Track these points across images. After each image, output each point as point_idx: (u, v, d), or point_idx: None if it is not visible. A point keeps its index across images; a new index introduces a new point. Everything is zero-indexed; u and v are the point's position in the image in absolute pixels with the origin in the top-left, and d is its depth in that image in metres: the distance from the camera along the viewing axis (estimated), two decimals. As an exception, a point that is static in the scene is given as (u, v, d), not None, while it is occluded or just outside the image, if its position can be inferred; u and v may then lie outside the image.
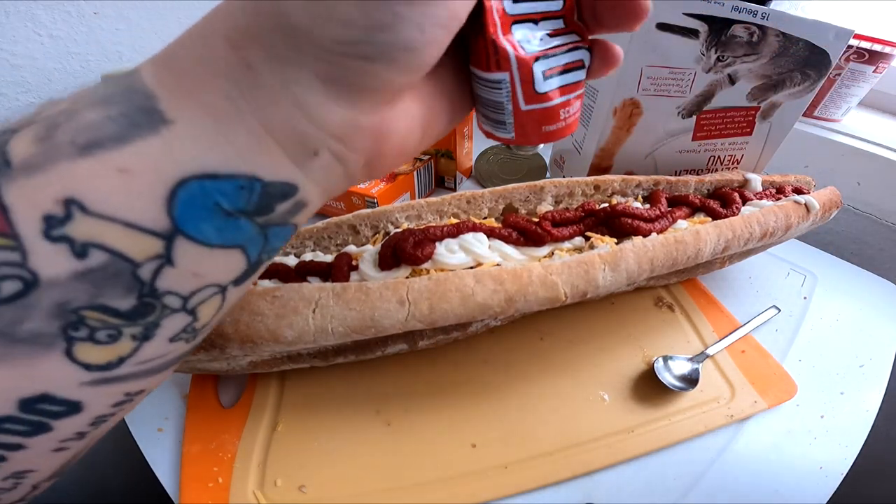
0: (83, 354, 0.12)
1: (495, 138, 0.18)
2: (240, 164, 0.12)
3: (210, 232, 0.13)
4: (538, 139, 0.18)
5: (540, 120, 0.17)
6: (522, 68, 0.15)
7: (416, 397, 0.32)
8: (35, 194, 0.11)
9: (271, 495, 0.27)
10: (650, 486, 0.28)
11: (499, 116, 0.17)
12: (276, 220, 0.14)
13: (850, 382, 0.35)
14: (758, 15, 0.33)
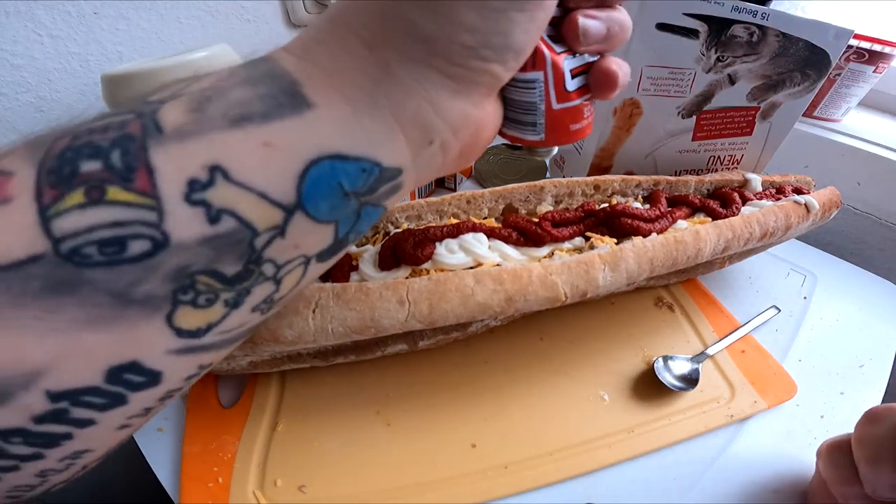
0: (182, 319, 0.12)
1: (522, 142, 0.19)
2: (368, 149, 0.13)
3: (324, 209, 0.13)
4: (566, 138, 0.18)
5: (568, 119, 0.18)
6: (555, 67, 0.16)
7: (416, 397, 0.32)
8: (183, 159, 0.11)
9: (271, 495, 0.27)
10: (650, 486, 0.28)
11: (530, 118, 0.17)
12: (373, 201, 0.15)
13: (850, 382, 0.35)
14: (758, 15, 0.33)
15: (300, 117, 0.13)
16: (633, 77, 0.36)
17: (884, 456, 0.22)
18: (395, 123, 0.14)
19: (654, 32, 0.34)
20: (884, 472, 0.22)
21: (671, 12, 0.33)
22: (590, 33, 0.16)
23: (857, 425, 0.24)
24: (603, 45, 0.17)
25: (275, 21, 0.53)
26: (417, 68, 0.13)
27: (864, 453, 0.23)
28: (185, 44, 0.47)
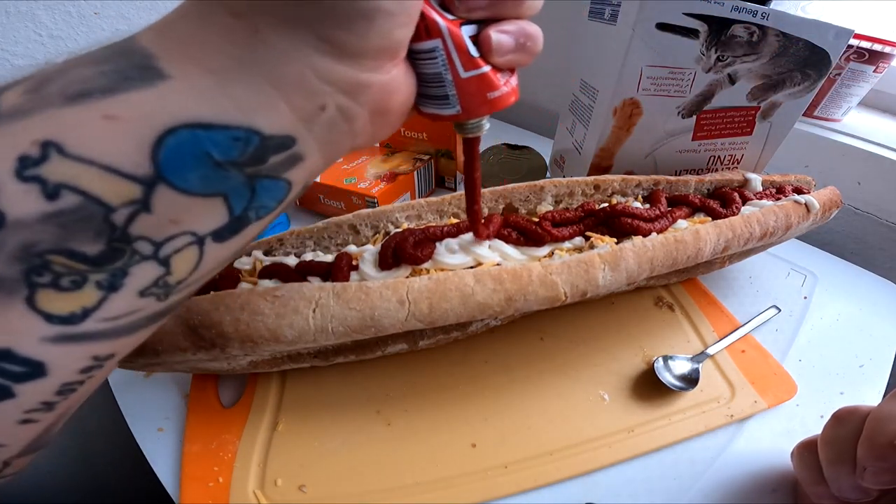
0: (46, 303, 0.12)
1: (440, 118, 0.18)
2: (238, 116, 0.13)
3: (195, 180, 0.13)
4: (486, 108, 0.18)
5: (483, 87, 0.17)
6: (452, 34, 0.16)
7: (417, 397, 0.32)
8: (14, 137, 0.11)
9: (271, 495, 0.27)
10: (650, 486, 0.28)
11: (440, 90, 0.17)
12: (266, 172, 0.14)
13: (850, 382, 0.35)
14: (758, 15, 0.33)
15: (152, 88, 0.12)
16: (633, 77, 0.36)
17: (844, 457, 0.22)
18: (273, 90, 0.13)
19: (654, 32, 0.34)
20: (843, 473, 0.22)
21: (671, 12, 0.33)
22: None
23: (825, 426, 0.24)
24: (508, 10, 0.16)
25: (275, 21, 0.53)
26: (291, 33, 0.13)
27: (826, 454, 0.23)
28: (186, 44, 0.47)
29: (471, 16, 0.16)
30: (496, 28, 0.16)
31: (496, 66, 0.17)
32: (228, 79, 0.13)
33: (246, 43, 0.13)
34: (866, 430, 0.21)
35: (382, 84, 0.15)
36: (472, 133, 0.20)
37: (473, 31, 0.16)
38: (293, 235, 0.31)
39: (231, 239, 0.15)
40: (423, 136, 0.54)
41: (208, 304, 0.24)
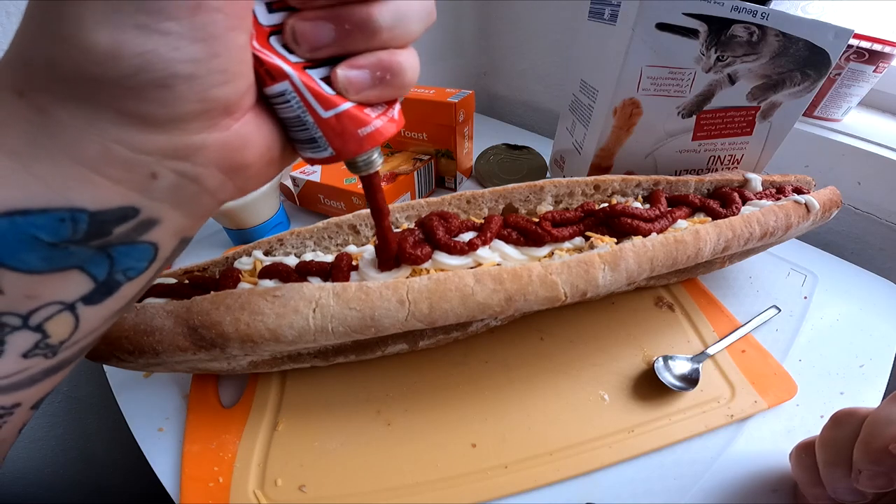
0: None
1: (318, 161, 0.17)
2: (53, 197, 0.12)
3: (35, 261, 0.13)
4: (360, 146, 0.17)
5: (348, 125, 0.16)
6: (300, 75, 0.15)
7: (417, 397, 0.32)
8: None
9: (272, 495, 0.27)
10: (650, 486, 0.28)
11: (306, 134, 0.16)
12: (117, 241, 0.14)
13: (850, 382, 0.35)
14: (757, 15, 0.33)
15: None
16: (633, 77, 0.36)
17: (839, 459, 0.22)
18: (81, 167, 0.12)
19: (654, 32, 0.34)
20: (839, 476, 0.22)
21: (671, 12, 0.33)
22: (305, 39, 0.15)
23: (823, 428, 0.24)
24: (337, 48, 0.15)
25: (275, 21, 0.53)
26: (83, 110, 0.12)
27: (823, 456, 0.23)
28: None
29: (316, 56, 0.15)
30: (345, 65, 0.15)
31: (361, 102, 0.16)
32: (31, 160, 0.12)
33: (37, 122, 0.12)
34: (863, 433, 0.21)
35: (222, 142, 0.14)
36: (364, 171, 0.19)
37: (326, 71, 0.15)
38: (293, 235, 0.31)
39: (107, 300, 0.15)
40: (423, 137, 0.54)
41: (208, 304, 0.24)
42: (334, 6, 0.14)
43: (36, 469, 0.62)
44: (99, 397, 0.62)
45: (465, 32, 0.77)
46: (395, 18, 0.15)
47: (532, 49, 0.73)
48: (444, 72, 0.79)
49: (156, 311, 0.24)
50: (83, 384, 0.60)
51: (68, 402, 0.60)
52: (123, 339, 0.24)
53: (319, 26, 0.14)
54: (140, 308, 0.24)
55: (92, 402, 0.62)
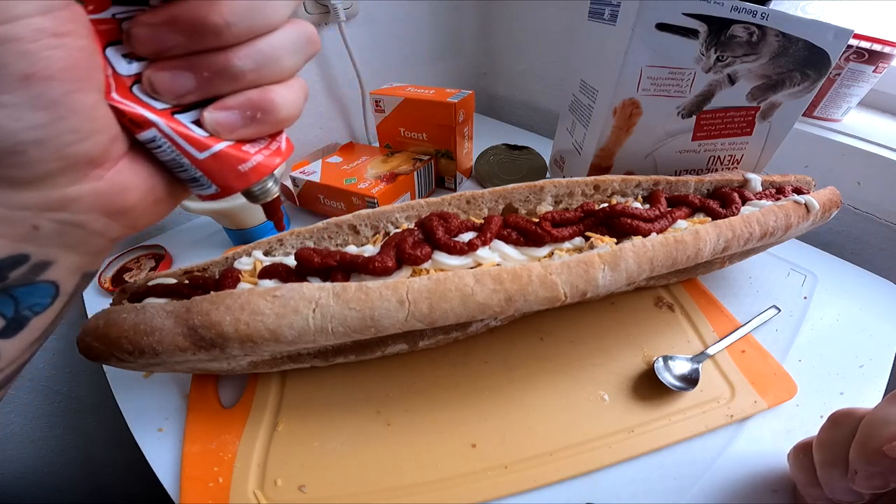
0: None
1: (207, 198, 0.17)
2: None
3: None
4: (242, 181, 0.17)
5: (226, 163, 0.16)
6: (166, 121, 0.15)
7: (417, 397, 0.32)
8: None
9: (271, 495, 0.27)
10: (650, 486, 0.28)
11: (187, 174, 0.16)
12: (15, 283, 0.15)
13: (850, 382, 0.35)
14: (757, 15, 0.33)
15: None
16: (633, 77, 0.36)
17: (836, 460, 0.22)
18: None
19: (654, 32, 0.34)
20: (836, 476, 0.22)
21: (671, 12, 0.33)
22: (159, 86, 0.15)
23: (821, 428, 0.24)
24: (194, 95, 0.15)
25: (275, 21, 0.53)
26: None
27: (820, 456, 0.23)
28: (186, 44, 0.47)
29: (181, 102, 0.15)
30: (213, 108, 0.15)
31: (238, 140, 0.16)
32: None
33: None
34: (859, 433, 0.21)
35: (97, 191, 0.14)
36: (261, 200, 0.19)
37: (198, 114, 0.15)
38: (293, 235, 0.31)
39: (20, 333, 0.16)
40: (423, 137, 0.54)
41: (208, 304, 0.24)
42: (191, 55, 0.14)
43: (36, 469, 0.62)
44: (99, 397, 0.62)
45: (465, 32, 0.77)
46: (259, 61, 0.15)
47: (532, 49, 0.73)
48: (444, 72, 0.79)
49: (156, 311, 0.24)
50: (83, 384, 0.60)
51: (68, 402, 0.60)
52: (123, 339, 0.24)
53: (178, 76, 0.14)
54: (140, 308, 0.24)
55: (92, 402, 0.62)
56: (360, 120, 0.68)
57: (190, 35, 0.14)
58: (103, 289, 0.43)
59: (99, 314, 0.25)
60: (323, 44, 0.58)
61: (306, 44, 0.16)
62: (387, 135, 0.57)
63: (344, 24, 0.55)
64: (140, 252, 0.48)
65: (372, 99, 0.54)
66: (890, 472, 0.19)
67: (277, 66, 0.16)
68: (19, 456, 0.59)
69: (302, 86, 0.17)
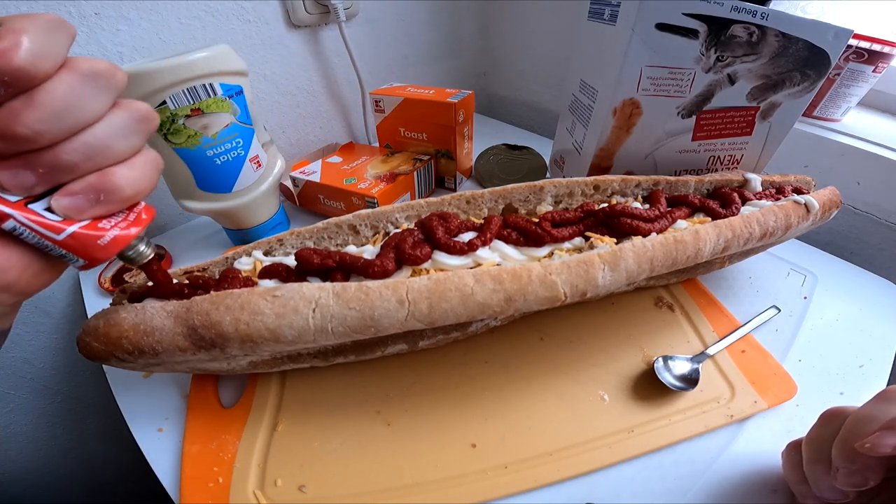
0: None
1: (83, 268, 0.19)
2: None
3: None
4: (104, 253, 0.18)
5: (86, 240, 0.18)
6: (20, 211, 0.16)
7: (417, 397, 0.32)
8: None
9: (271, 495, 0.27)
10: (650, 486, 0.28)
11: (54, 251, 0.17)
12: None
13: (850, 382, 0.35)
14: (757, 15, 0.33)
15: None
16: (632, 77, 0.36)
17: (821, 457, 0.22)
18: None
19: (654, 32, 0.34)
20: (820, 473, 0.22)
21: (671, 12, 0.33)
22: None
23: (811, 427, 0.24)
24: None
25: (275, 21, 0.53)
26: None
27: (807, 454, 0.23)
28: (186, 44, 0.47)
29: (31, 193, 0.16)
30: (59, 195, 0.17)
31: (93, 218, 0.18)
32: None
33: None
34: (842, 431, 0.21)
35: None
36: (137, 262, 0.21)
37: (48, 202, 0.17)
38: (293, 235, 0.31)
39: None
40: (422, 137, 0.54)
41: (208, 304, 0.24)
42: (24, 154, 0.15)
43: (36, 469, 0.62)
44: (99, 397, 0.62)
45: (465, 32, 0.77)
46: (88, 152, 0.16)
47: (532, 49, 0.73)
48: (444, 72, 0.79)
49: (156, 311, 0.24)
50: (83, 384, 0.60)
51: (68, 402, 0.60)
52: (123, 340, 0.24)
53: (18, 173, 0.16)
54: (140, 308, 0.24)
55: (92, 402, 0.62)
56: (360, 120, 0.68)
57: (8, 142, 0.15)
58: (103, 289, 0.43)
59: (99, 314, 0.25)
60: (323, 44, 0.58)
61: (138, 123, 0.18)
62: (387, 135, 0.57)
63: (344, 24, 0.55)
64: (140, 252, 0.48)
65: (372, 99, 0.54)
66: (868, 469, 0.19)
67: (110, 151, 0.17)
68: (19, 456, 0.59)
69: (148, 160, 0.18)
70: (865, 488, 0.20)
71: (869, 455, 0.19)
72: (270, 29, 0.53)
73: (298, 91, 0.59)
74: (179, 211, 0.55)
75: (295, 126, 0.62)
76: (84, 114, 0.16)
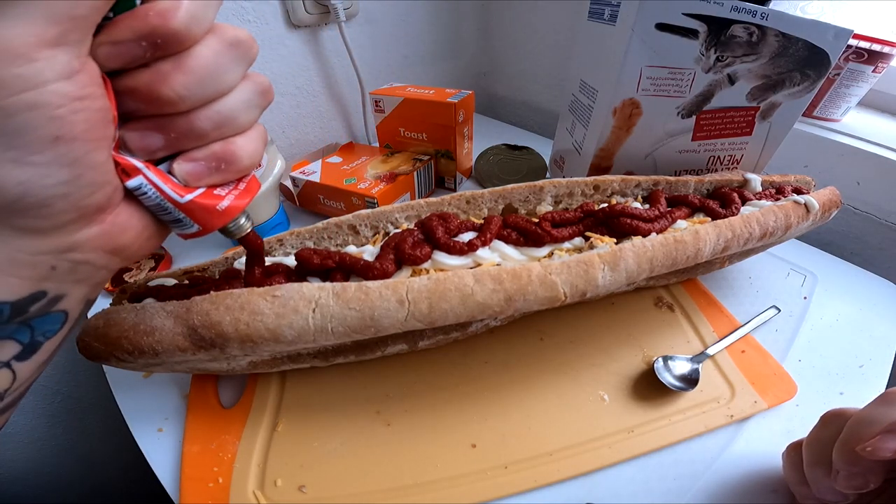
0: None
1: (190, 237, 0.19)
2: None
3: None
4: (222, 219, 0.19)
5: (205, 205, 0.18)
6: (151, 168, 0.17)
7: (417, 397, 0.32)
8: None
9: (271, 495, 0.27)
10: (650, 486, 0.28)
11: (171, 216, 0.18)
12: (35, 315, 0.17)
13: (850, 382, 0.35)
14: (757, 15, 0.33)
15: None
16: (632, 77, 0.36)
17: (822, 459, 0.22)
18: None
19: (654, 32, 0.34)
20: (820, 475, 0.22)
21: (671, 12, 0.33)
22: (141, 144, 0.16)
23: (812, 428, 0.24)
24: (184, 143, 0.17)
25: (275, 21, 0.53)
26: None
27: (808, 455, 0.23)
28: (186, 44, 0.47)
29: (154, 157, 0.17)
30: (181, 160, 0.17)
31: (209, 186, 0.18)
32: None
33: None
34: (843, 433, 0.21)
35: (98, 234, 0.17)
36: (237, 235, 0.21)
37: (168, 167, 0.17)
38: (293, 235, 0.31)
39: (34, 355, 0.18)
40: (422, 137, 0.54)
41: (208, 304, 0.24)
42: (157, 116, 0.16)
43: (36, 469, 0.62)
44: (99, 397, 0.62)
45: (465, 32, 0.77)
46: (219, 121, 0.17)
47: (532, 49, 0.73)
48: (444, 72, 0.79)
49: (155, 311, 0.24)
50: (83, 384, 0.60)
51: (68, 402, 0.60)
52: (123, 339, 0.24)
53: (147, 135, 0.16)
54: (140, 308, 0.24)
55: (92, 402, 0.62)
56: (360, 120, 0.68)
57: (149, 104, 0.16)
58: (103, 289, 0.43)
59: (99, 314, 0.25)
60: (323, 44, 0.58)
61: (261, 97, 0.18)
62: (387, 135, 0.57)
63: (344, 24, 0.55)
64: (140, 252, 0.48)
65: (372, 99, 0.54)
66: (869, 472, 0.19)
67: (236, 122, 0.18)
68: (19, 456, 0.59)
69: (260, 133, 0.19)
70: (866, 490, 0.20)
71: (870, 458, 0.19)
72: (270, 29, 0.53)
73: (298, 91, 0.59)
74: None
75: (295, 126, 0.62)
76: (223, 83, 0.16)
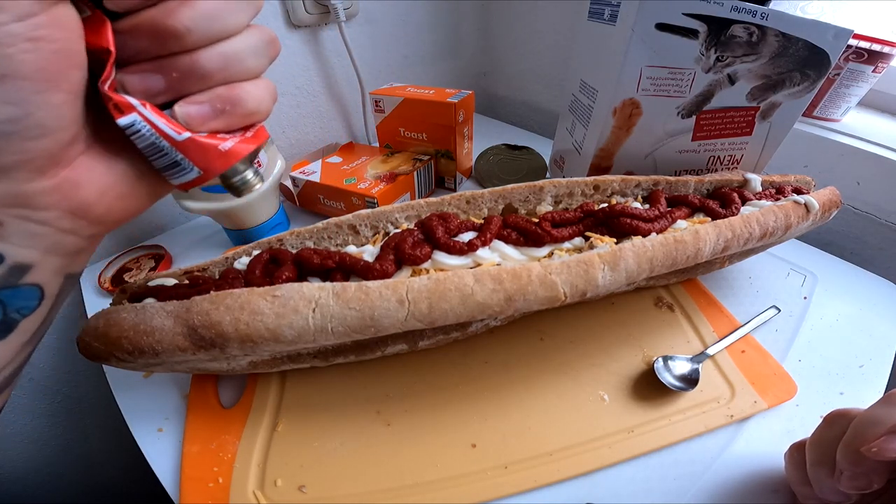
0: None
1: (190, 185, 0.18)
2: None
3: None
4: (225, 161, 0.17)
5: (207, 145, 0.17)
6: (146, 105, 0.16)
7: (416, 397, 0.32)
8: None
9: (271, 495, 0.27)
10: (650, 486, 0.28)
11: (167, 158, 0.17)
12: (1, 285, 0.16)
13: (850, 382, 0.35)
14: (757, 15, 0.33)
15: None
16: (632, 77, 0.36)
17: (825, 459, 0.22)
18: None
19: (654, 32, 0.34)
20: (823, 475, 0.22)
21: (671, 12, 0.33)
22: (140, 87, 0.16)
23: (815, 428, 0.24)
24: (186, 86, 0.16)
25: (275, 21, 0.53)
26: None
27: (811, 455, 0.23)
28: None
29: (155, 101, 0.16)
30: (183, 102, 0.16)
31: (211, 132, 0.17)
32: None
33: None
34: (847, 434, 0.21)
35: (53, 187, 0.15)
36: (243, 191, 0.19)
37: (170, 113, 0.16)
38: (293, 235, 0.31)
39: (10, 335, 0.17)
40: (422, 137, 0.54)
41: (208, 304, 0.24)
42: (160, 58, 0.15)
43: (36, 469, 0.62)
44: (99, 397, 0.62)
45: (465, 32, 0.77)
46: (223, 62, 0.16)
47: (532, 49, 0.73)
48: (444, 72, 0.79)
49: (155, 310, 0.24)
50: (83, 384, 0.60)
51: (68, 402, 0.60)
52: (123, 339, 0.24)
53: (147, 78, 0.16)
54: (140, 308, 0.24)
55: (92, 402, 0.62)
56: (360, 120, 0.68)
57: (153, 40, 0.15)
58: (103, 289, 0.43)
59: (99, 314, 0.25)
60: (323, 44, 0.58)
61: (268, 46, 0.18)
62: (387, 135, 0.57)
63: (344, 25, 0.55)
64: (140, 252, 0.48)
65: (372, 99, 0.54)
66: (873, 472, 0.19)
67: (242, 65, 0.17)
68: (19, 456, 0.59)
69: (269, 85, 0.18)
70: (869, 491, 0.20)
71: (874, 459, 0.19)
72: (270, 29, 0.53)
73: (298, 91, 0.59)
74: (179, 211, 0.55)
75: (295, 126, 0.62)
76: (229, 23, 0.16)
